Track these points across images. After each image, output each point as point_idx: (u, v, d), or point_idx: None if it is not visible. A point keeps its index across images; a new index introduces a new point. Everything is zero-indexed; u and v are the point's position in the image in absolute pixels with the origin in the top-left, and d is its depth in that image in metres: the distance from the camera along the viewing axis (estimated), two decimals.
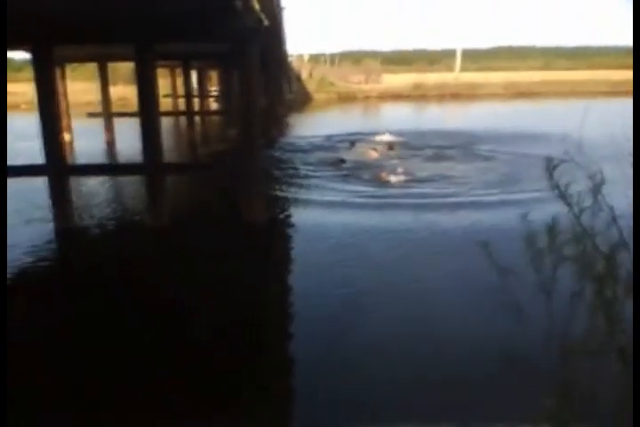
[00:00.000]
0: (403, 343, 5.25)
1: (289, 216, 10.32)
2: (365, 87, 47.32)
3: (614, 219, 1.94)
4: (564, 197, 1.97)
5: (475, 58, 66.71)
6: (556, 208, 2.20)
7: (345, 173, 13.48)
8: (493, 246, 2.40)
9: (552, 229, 2.08)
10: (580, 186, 2.06)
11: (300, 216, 10.20)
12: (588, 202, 1.97)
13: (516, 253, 2.19)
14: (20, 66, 48.12)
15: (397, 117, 29.68)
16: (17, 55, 53.09)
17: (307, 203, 10.91)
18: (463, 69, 52.76)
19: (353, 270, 7.19)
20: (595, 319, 2.02)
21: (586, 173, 2.20)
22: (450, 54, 59.43)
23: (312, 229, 9.26)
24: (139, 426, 4.15)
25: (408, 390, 4.43)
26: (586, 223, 1.95)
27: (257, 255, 8.15)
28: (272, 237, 9.36)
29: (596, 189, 1.99)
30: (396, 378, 4.58)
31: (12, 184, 10.85)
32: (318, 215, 10.12)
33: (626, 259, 1.91)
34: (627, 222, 2.08)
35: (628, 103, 2.46)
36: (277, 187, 12.06)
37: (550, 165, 2.00)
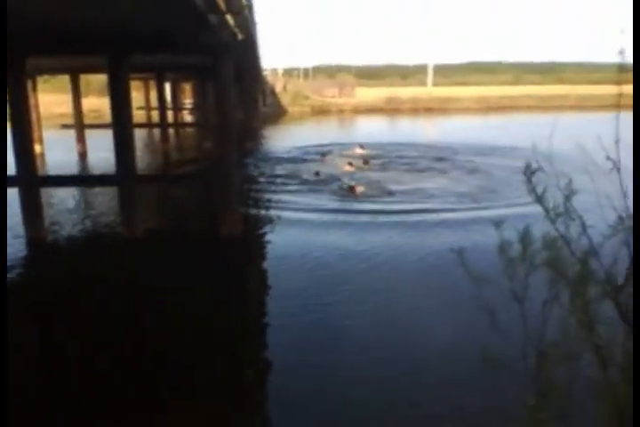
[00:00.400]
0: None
1: (261, 231, 10.13)
2: (339, 101, 47.67)
3: (584, 226, 2.01)
4: (540, 201, 2.04)
5: (446, 73, 67.75)
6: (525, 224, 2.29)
7: (316, 186, 13.44)
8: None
9: (525, 237, 2.15)
10: (553, 194, 2.15)
11: (271, 232, 10.00)
12: (561, 208, 2.04)
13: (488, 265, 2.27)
14: None
15: (371, 130, 29.93)
16: None
17: (278, 219, 10.70)
18: (435, 84, 53.44)
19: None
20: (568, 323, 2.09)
21: (557, 182, 2.27)
22: (422, 69, 60.24)
23: (280, 247, 9.08)
24: None
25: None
26: (560, 229, 2.02)
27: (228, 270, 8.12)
28: (245, 252, 9.29)
29: (568, 198, 2.07)
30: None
31: None
32: (286, 233, 9.89)
33: (596, 264, 1.99)
34: (597, 231, 2.17)
35: (593, 116, 2.57)
36: (250, 201, 11.99)
37: (528, 171, 2.08)
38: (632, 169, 2.07)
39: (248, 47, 17.52)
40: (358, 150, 18.84)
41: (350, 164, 15.89)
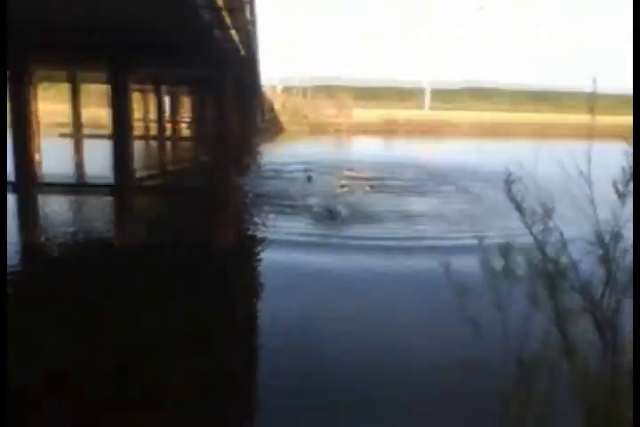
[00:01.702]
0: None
1: (253, 245, 10.16)
2: (337, 120, 48.08)
3: (561, 235, 2.13)
4: (519, 208, 2.16)
5: (443, 96, 68.54)
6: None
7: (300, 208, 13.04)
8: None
9: (506, 249, 2.26)
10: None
11: (261, 249, 9.95)
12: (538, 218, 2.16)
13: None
14: None
15: (367, 151, 30.20)
16: None
17: (267, 236, 10.61)
18: (432, 108, 54.10)
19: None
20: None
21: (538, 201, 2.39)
22: (420, 92, 60.96)
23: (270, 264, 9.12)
24: None
25: None
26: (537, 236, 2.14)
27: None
28: (237, 262, 9.35)
29: (547, 213, 2.19)
30: None
31: None
32: (272, 252, 9.69)
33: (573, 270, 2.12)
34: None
35: (584, 147, 2.68)
36: (245, 216, 12.07)
37: (509, 180, 2.20)
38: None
39: (249, 63, 17.75)
40: (347, 173, 18.75)
41: (343, 185, 15.84)
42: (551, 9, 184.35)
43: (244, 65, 15.01)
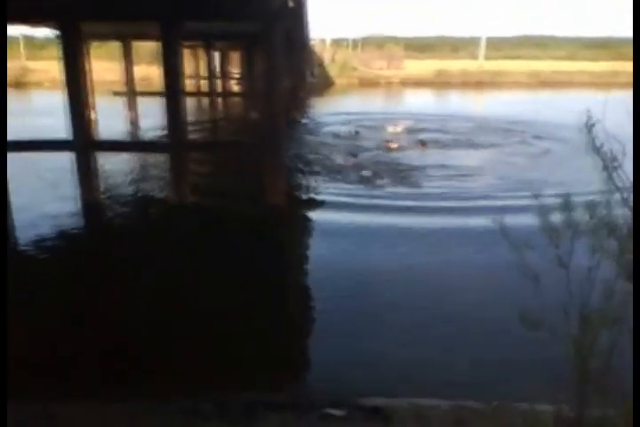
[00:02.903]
0: None
1: (304, 203, 10.11)
2: (387, 73, 47.03)
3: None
4: (598, 151, 2.07)
5: (499, 46, 65.76)
6: None
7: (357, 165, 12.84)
8: None
9: (567, 204, 2.18)
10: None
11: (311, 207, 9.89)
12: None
13: None
14: (42, 44, 48.53)
15: (418, 103, 29.55)
16: (39, 33, 53.45)
17: (319, 195, 10.52)
18: (487, 58, 52.14)
19: None
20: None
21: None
22: (473, 42, 58.76)
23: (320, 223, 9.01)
24: None
25: None
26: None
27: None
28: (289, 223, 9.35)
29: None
30: None
31: (34, 159, 11.17)
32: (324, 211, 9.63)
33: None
34: None
35: None
36: (296, 174, 11.97)
37: (588, 123, 2.11)
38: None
39: (297, 15, 17.42)
40: (391, 129, 18.08)
41: (390, 142, 15.37)
42: None
43: (293, 18, 14.73)
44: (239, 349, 4.95)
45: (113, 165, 12.36)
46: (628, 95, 2.80)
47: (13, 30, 46.40)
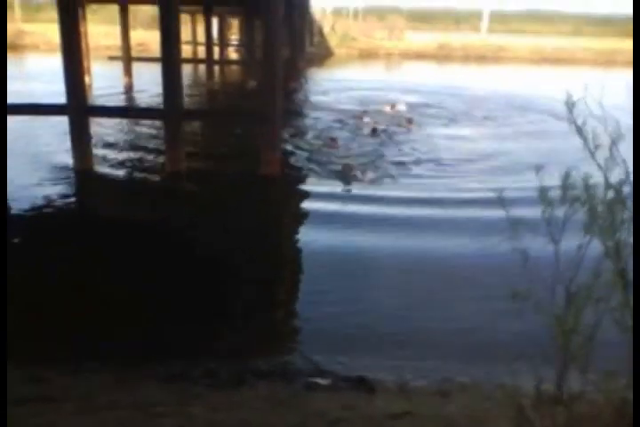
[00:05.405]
0: None
1: (300, 175, 9.91)
2: (388, 44, 46.34)
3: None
4: (580, 131, 2.07)
5: (502, 20, 64.85)
6: None
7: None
8: None
9: (566, 178, 2.18)
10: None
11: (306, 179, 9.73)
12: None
13: None
14: (38, 6, 47.61)
15: (419, 77, 29.16)
16: None
17: (315, 166, 10.34)
18: (490, 31, 51.38)
19: None
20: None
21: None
22: (477, 15, 57.89)
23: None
24: None
25: None
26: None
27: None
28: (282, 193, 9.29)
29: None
30: None
31: (30, 122, 11.07)
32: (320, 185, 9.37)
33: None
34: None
35: None
36: (290, 145, 11.76)
37: (570, 102, 2.11)
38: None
39: None
40: (388, 109, 16.81)
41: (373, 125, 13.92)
42: None
43: None
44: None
45: (106, 132, 12.25)
46: (628, 73, 2.78)
47: None
